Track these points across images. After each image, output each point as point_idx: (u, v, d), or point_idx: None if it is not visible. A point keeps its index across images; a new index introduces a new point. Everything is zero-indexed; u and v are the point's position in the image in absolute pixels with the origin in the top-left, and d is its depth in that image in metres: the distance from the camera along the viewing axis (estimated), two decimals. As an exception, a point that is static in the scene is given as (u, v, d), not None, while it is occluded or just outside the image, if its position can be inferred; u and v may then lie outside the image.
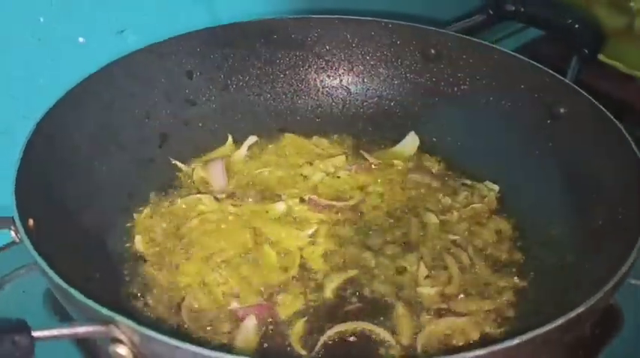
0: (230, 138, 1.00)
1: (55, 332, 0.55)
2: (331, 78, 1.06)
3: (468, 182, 0.95)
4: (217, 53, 1.01)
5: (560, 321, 0.56)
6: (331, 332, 0.75)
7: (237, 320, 0.76)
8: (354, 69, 1.06)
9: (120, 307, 0.73)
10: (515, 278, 0.82)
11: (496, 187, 0.93)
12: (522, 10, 1.00)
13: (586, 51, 0.94)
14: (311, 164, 0.97)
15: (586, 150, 0.85)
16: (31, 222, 0.68)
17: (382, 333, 0.75)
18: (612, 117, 0.83)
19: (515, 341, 0.54)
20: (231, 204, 0.89)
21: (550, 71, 0.90)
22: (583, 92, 0.86)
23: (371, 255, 0.84)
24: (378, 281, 0.81)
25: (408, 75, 1.04)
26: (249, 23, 1.02)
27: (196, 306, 0.77)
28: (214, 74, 1.01)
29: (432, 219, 0.89)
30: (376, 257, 0.84)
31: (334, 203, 0.91)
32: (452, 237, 0.86)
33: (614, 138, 0.81)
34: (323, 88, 1.06)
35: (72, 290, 0.58)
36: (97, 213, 0.83)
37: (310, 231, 0.86)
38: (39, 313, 0.81)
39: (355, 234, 0.87)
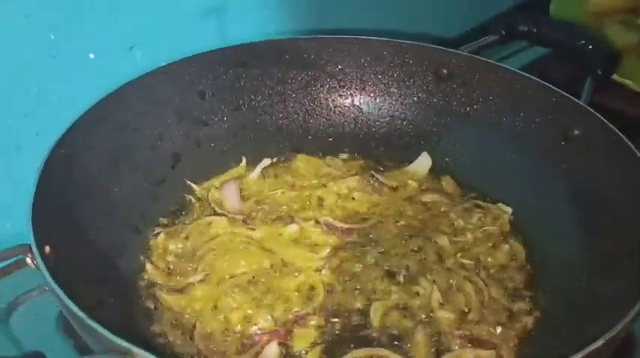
0: (244, 160, 1.00)
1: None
2: (343, 97, 1.06)
3: (481, 203, 0.95)
4: (229, 73, 1.01)
5: (578, 356, 0.56)
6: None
7: (252, 345, 0.75)
8: (366, 88, 1.06)
9: (134, 333, 0.73)
10: (529, 302, 0.82)
11: (509, 209, 0.93)
12: (535, 31, 1.00)
13: (599, 72, 0.94)
14: (325, 186, 0.97)
15: (599, 172, 0.85)
16: (47, 249, 0.68)
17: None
18: (625, 138, 0.82)
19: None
20: (245, 227, 0.89)
21: (563, 93, 0.90)
22: (597, 114, 0.86)
23: (387, 280, 0.83)
24: (394, 307, 0.80)
25: (420, 94, 1.04)
26: (261, 43, 1.02)
27: (209, 331, 0.77)
28: (226, 94, 1.02)
29: (446, 242, 0.88)
30: (391, 281, 0.83)
31: (348, 226, 0.91)
32: (465, 260, 0.86)
33: (628, 160, 0.81)
34: (335, 107, 1.06)
35: (90, 321, 0.58)
36: (111, 234, 0.84)
37: (324, 253, 0.86)
38: (52, 337, 0.81)
39: (369, 257, 0.87)
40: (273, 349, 0.74)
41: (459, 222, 0.92)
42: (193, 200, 0.95)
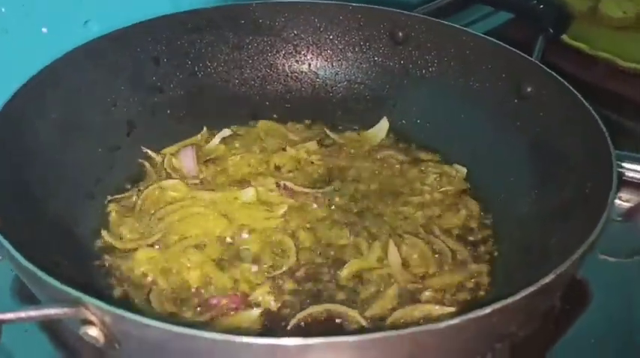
0: (205, 129, 0.99)
1: (22, 314, 0.54)
2: (300, 63, 1.06)
3: (437, 164, 0.96)
4: (184, 39, 1.00)
5: (531, 289, 0.57)
6: (302, 314, 0.74)
7: (210, 308, 0.75)
8: (323, 53, 1.06)
9: (90, 292, 0.72)
10: (486, 253, 0.83)
11: (464, 169, 0.94)
12: (489, -8, 1.01)
13: (551, 30, 0.96)
14: (284, 150, 0.96)
15: (553, 127, 0.86)
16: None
17: (353, 314, 0.74)
18: (578, 94, 0.84)
19: (487, 310, 0.55)
20: (201, 191, 0.88)
21: (516, 50, 0.91)
22: (548, 70, 0.87)
23: (345, 235, 0.84)
24: (350, 263, 0.81)
25: (376, 58, 1.04)
26: (214, 9, 1.01)
27: (166, 293, 0.76)
28: (181, 61, 1.01)
29: (405, 203, 0.89)
30: (349, 238, 0.84)
31: (307, 190, 0.90)
32: (425, 221, 0.87)
33: (580, 114, 0.82)
34: (292, 73, 1.06)
35: (40, 273, 0.57)
36: (65, 201, 0.82)
37: (280, 212, 0.86)
38: (6, 303, 0.80)
39: (327, 219, 0.87)
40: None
41: (416, 183, 0.93)
42: (149, 166, 0.93)
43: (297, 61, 1.06)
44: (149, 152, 0.95)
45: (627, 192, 0.98)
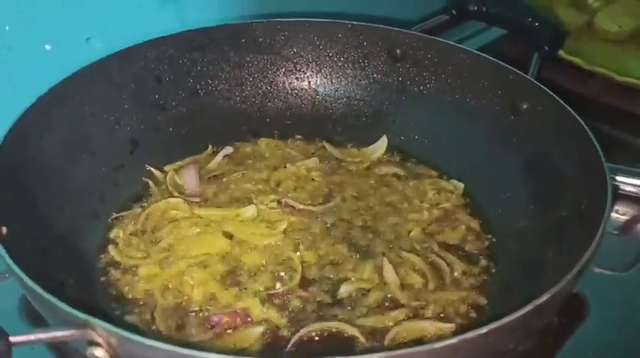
0: (210, 148, 1.01)
1: (32, 337, 0.56)
2: (300, 80, 1.08)
3: (435, 180, 0.97)
4: (186, 58, 1.02)
5: (527, 309, 0.58)
6: (304, 332, 0.75)
7: (212, 325, 0.76)
8: (322, 71, 1.07)
9: (95, 312, 0.73)
10: (484, 268, 0.84)
11: (461, 185, 0.95)
12: (484, 10, 1.03)
13: (546, 48, 0.97)
14: (284, 167, 0.98)
15: (548, 144, 0.88)
16: (4, 229, 0.68)
17: (352, 331, 0.75)
18: (572, 111, 0.85)
19: (484, 329, 0.56)
20: (203, 209, 0.90)
21: (512, 68, 0.93)
22: (544, 87, 0.89)
23: (345, 252, 0.85)
24: (350, 280, 0.82)
25: (375, 75, 1.06)
26: (216, 28, 1.03)
27: (169, 311, 0.77)
28: (183, 79, 1.02)
29: (404, 219, 0.91)
30: (350, 255, 0.85)
31: (308, 207, 0.92)
32: (422, 236, 0.88)
33: (575, 131, 0.83)
34: (292, 90, 1.08)
35: (47, 296, 0.58)
36: (70, 218, 0.83)
37: (281, 228, 0.87)
38: (13, 321, 0.81)
39: (328, 235, 0.88)
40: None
41: (414, 199, 0.94)
42: (153, 184, 0.95)
43: (297, 79, 1.08)
44: (152, 170, 0.96)
45: (624, 205, 1.00)
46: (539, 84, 0.90)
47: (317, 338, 0.75)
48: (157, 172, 0.96)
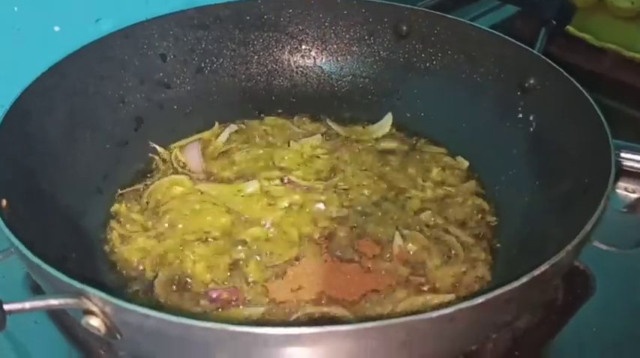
0: (216, 125, 1.00)
1: (27, 305, 0.56)
2: (305, 58, 1.07)
3: (441, 157, 0.96)
4: (190, 36, 1.02)
5: (524, 279, 0.57)
6: (298, 314, 0.75)
7: (211, 301, 0.76)
8: (328, 48, 1.07)
9: (98, 284, 0.73)
10: (489, 243, 0.84)
11: (466, 163, 0.95)
12: (491, -17, 1.02)
13: (554, 22, 0.95)
14: (288, 145, 0.98)
15: (554, 119, 0.87)
16: (4, 202, 0.68)
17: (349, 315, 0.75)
18: (579, 85, 0.84)
19: (480, 299, 0.55)
20: (205, 185, 0.90)
21: (518, 43, 0.92)
22: (550, 62, 0.87)
23: (348, 229, 0.85)
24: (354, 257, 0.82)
25: (381, 52, 1.05)
26: (220, 5, 1.02)
27: (169, 284, 0.77)
28: (188, 57, 1.02)
29: (408, 196, 0.90)
30: (353, 231, 0.85)
31: (311, 183, 0.91)
32: (427, 212, 0.87)
33: (581, 105, 0.82)
34: (297, 68, 1.07)
35: (43, 264, 0.58)
36: (73, 195, 0.84)
37: (283, 205, 0.87)
38: (19, 296, 0.81)
39: (331, 212, 0.87)
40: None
41: (419, 176, 0.93)
42: (158, 161, 0.95)
43: (302, 56, 1.07)
44: (157, 147, 0.96)
45: (632, 183, 0.99)
46: (545, 59, 0.89)
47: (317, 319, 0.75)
48: (161, 149, 0.96)
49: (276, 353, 0.56)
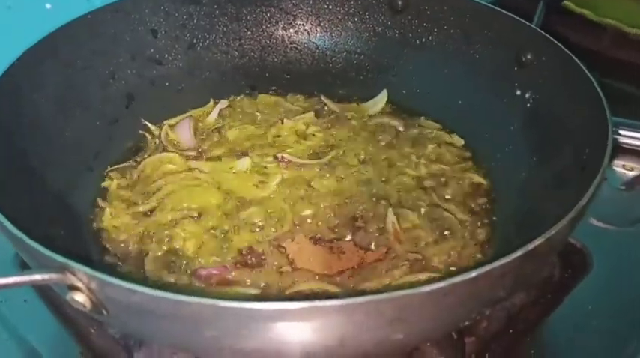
0: (212, 102, 0.99)
1: (10, 279, 0.55)
2: (299, 34, 1.05)
3: (437, 133, 0.95)
4: (182, 11, 1.00)
5: (518, 253, 0.56)
6: (290, 291, 0.74)
7: (200, 278, 0.75)
8: (322, 24, 1.05)
9: (87, 262, 0.72)
10: (486, 220, 0.83)
11: (461, 140, 0.93)
12: (488, -43, 0.99)
13: (552, -5, 0.94)
14: (282, 122, 0.96)
15: (552, 94, 0.85)
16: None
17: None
18: (578, 61, 0.82)
19: (473, 273, 0.54)
20: (196, 162, 0.89)
21: (515, 17, 0.90)
22: (548, 36, 0.86)
23: (343, 206, 0.83)
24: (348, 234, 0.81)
25: (376, 28, 1.03)
26: (213, -21, 1.01)
27: (160, 261, 0.76)
28: (179, 32, 1.00)
29: (404, 173, 0.89)
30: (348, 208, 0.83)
31: (305, 161, 0.90)
32: (423, 189, 0.86)
33: (579, 80, 0.80)
34: (291, 44, 1.05)
35: (26, 238, 0.57)
36: (63, 173, 0.82)
37: (274, 183, 0.85)
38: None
39: (325, 189, 0.86)
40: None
41: (415, 153, 0.92)
42: (149, 138, 0.94)
43: (296, 32, 1.05)
44: (148, 124, 0.95)
45: (631, 160, 0.98)
46: (543, 33, 0.87)
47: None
48: (152, 127, 0.95)
49: (266, 329, 0.55)
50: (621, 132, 0.95)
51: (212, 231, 0.80)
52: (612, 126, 0.72)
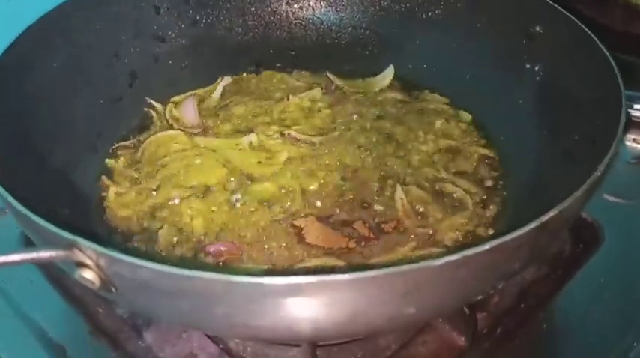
0: (219, 79, 0.98)
1: (17, 257, 0.54)
2: (304, 9, 1.04)
3: (445, 109, 0.94)
4: (184, -14, 0.98)
5: (532, 225, 0.55)
6: (300, 266, 0.73)
7: (209, 254, 0.74)
8: (327, -1, 1.03)
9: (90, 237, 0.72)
10: (497, 195, 0.82)
11: (469, 116, 0.92)
12: None
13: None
14: (287, 98, 0.95)
15: (562, 67, 0.83)
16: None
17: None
18: (589, 31, 0.81)
19: (487, 245, 0.53)
20: (201, 139, 0.88)
21: (524, -12, 0.88)
22: (558, 7, 0.84)
23: (350, 182, 0.83)
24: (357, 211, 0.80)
25: (382, 2, 1.02)
26: (216, -45, 0.99)
27: (168, 239, 0.76)
28: (182, 9, 0.99)
29: (412, 148, 0.88)
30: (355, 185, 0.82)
31: (311, 137, 0.89)
32: (432, 164, 0.86)
33: (591, 52, 0.78)
34: (296, 19, 1.04)
35: (32, 215, 0.56)
36: (66, 151, 0.82)
37: (281, 159, 0.84)
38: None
39: (332, 166, 0.85)
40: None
41: (423, 129, 0.91)
42: (153, 116, 0.93)
43: (300, 7, 1.04)
44: (153, 102, 0.94)
45: (643, 135, 0.96)
46: (553, 3, 0.85)
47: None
48: (156, 104, 0.94)
49: (277, 305, 0.54)
50: (635, 106, 0.93)
51: (218, 207, 0.79)
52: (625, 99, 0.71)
